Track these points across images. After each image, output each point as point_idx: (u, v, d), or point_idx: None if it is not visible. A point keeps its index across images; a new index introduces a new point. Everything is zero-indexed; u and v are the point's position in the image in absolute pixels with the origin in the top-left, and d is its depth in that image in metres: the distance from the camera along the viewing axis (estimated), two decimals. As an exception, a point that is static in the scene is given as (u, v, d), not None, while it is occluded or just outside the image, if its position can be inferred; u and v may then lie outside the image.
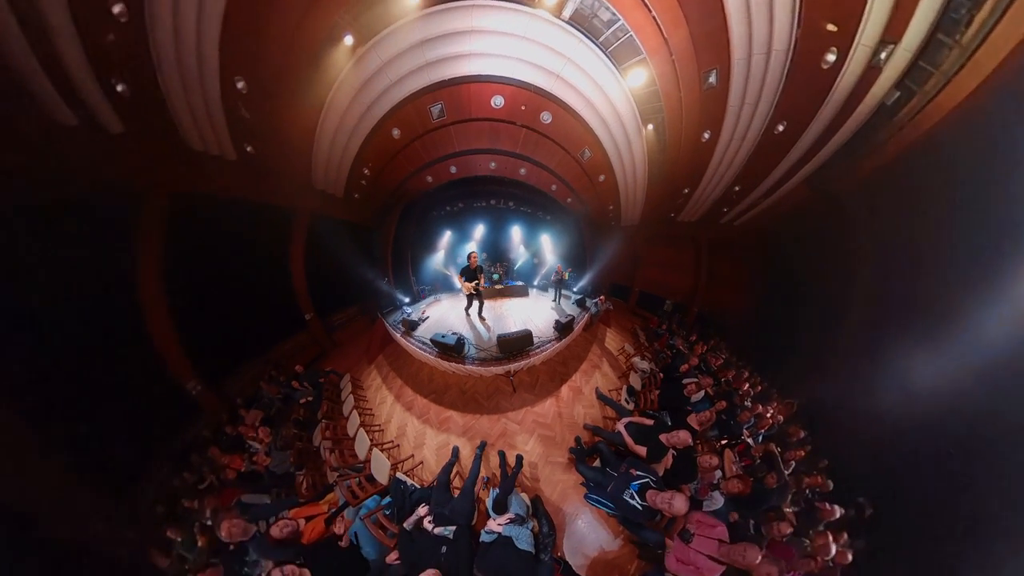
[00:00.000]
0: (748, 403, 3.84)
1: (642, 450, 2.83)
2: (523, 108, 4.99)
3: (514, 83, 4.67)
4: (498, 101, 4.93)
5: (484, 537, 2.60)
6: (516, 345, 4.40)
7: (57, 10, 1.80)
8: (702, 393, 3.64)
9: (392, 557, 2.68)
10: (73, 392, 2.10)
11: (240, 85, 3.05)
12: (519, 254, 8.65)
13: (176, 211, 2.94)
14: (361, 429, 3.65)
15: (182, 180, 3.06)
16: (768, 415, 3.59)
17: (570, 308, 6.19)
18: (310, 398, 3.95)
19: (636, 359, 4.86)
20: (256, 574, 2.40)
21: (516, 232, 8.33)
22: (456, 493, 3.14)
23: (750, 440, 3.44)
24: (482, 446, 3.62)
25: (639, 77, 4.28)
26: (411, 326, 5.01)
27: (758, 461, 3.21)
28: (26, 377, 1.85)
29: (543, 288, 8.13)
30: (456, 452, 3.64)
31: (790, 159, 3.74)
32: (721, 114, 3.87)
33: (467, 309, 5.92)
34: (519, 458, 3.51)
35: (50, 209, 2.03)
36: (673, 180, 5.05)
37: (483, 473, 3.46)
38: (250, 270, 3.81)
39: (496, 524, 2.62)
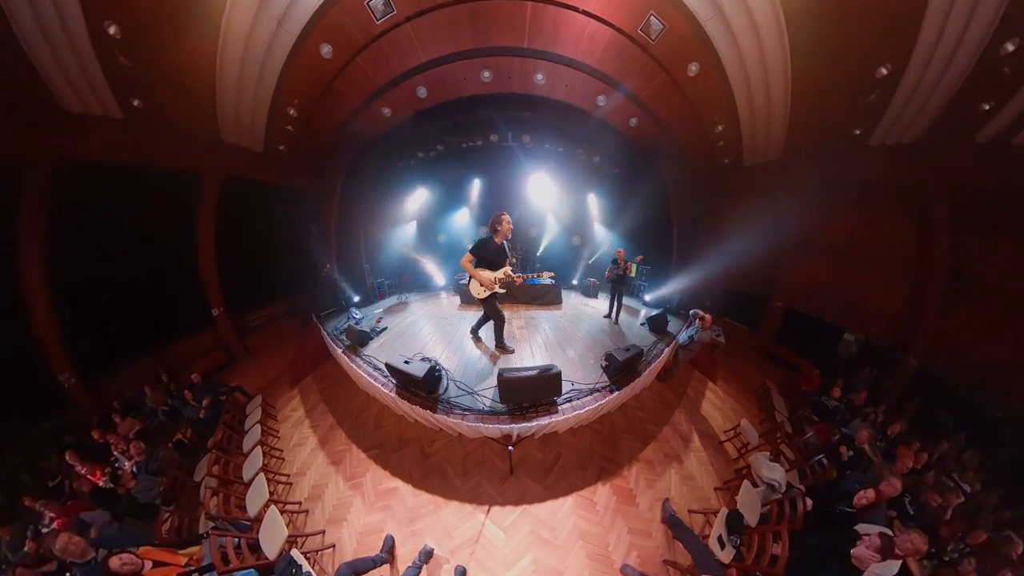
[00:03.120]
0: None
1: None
2: (520, -36, 3.72)
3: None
4: (474, -36, 3.69)
5: None
6: (529, 391, 3.63)
7: None
8: (895, 567, 2.58)
9: (245, 653, 3.06)
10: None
11: (112, 30, 3.53)
12: (543, 228, 7.39)
13: (59, 186, 3.74)
14: (261, 474, 3.84)
15: (62, 149, 3.71)
16: None
17: (636, 331, 5.07)
18: (201, 417, 4.40)
19: (760, 458, 3.60)
20: (74, 605, 3.14)
21: (537, 188, 6.86)
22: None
23: None
24: (428, 553, 3.31)
25: None
26: (360, 339, 4.90)
27: None
28: None
29: (588, 291, 6.92)
30: (390, 545, 3.39)
31: None
32: None
33: (475, 331, 4.89)
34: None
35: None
36: (848, 51, 3.32)
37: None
38: (148, 251, 4.52)
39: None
